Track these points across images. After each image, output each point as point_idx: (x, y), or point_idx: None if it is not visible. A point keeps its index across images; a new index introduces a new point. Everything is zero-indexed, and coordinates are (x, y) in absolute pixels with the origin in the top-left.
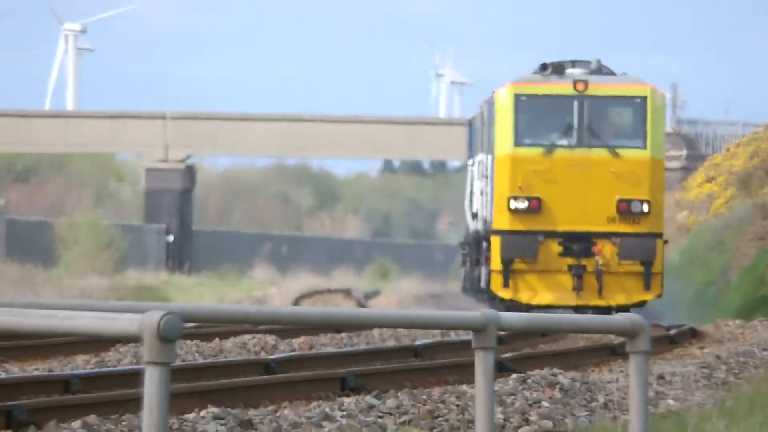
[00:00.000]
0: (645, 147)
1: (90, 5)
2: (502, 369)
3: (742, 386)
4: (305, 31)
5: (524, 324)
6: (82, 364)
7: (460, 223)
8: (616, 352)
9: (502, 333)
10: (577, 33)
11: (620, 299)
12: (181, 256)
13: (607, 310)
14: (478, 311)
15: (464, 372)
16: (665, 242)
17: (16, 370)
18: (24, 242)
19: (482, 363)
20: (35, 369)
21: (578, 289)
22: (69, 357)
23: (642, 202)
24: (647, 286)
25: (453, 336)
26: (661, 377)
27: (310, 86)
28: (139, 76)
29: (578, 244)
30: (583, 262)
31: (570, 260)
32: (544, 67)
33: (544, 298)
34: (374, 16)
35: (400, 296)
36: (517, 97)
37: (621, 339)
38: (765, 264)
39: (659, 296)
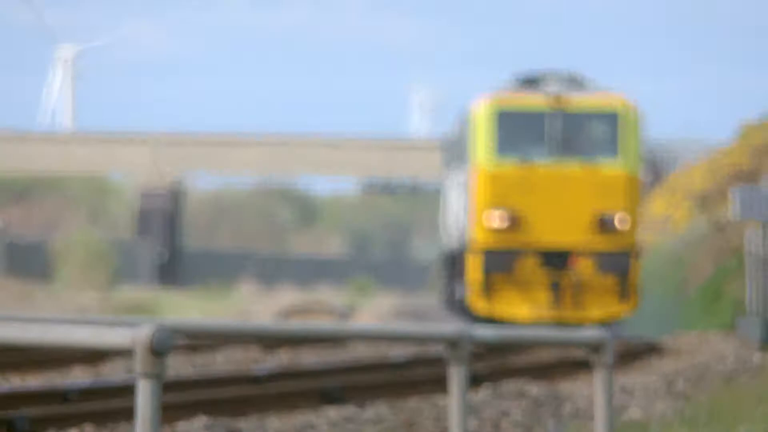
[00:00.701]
0: (620, 160)
1: (84, 30)
2: (475, 380)
3: (700, 396)
4: (288, 55)
5: (496, 338)
6: (79, 374)
7: (435, 239)
8: (582, 365)
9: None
10: (542, 55)
11: (597, 313)
12: (170, 272)
13: (583, 323)
14: (453, 326)
15: (440, 383)
16: (640, 256)
17: (17, 381)
18: (21, 259)
19: (456, 375)
20: (35, 381)
21: (556, 302)
22: (67, 368)
23: (618, 215)
24: (623, 299)
25: (430, 349)
26: (624, 388)
27: (293, 107)
28: (129, 98)
29: (555, 257)
30: (560, 276)
31: (547, 274)
32: (519, 80)
33: (521, 312)
34: (352, 42)
35: (380, 312)
36: (493, 111)
37: (587, 352)
38: (721, 279)
39: (635, 309)
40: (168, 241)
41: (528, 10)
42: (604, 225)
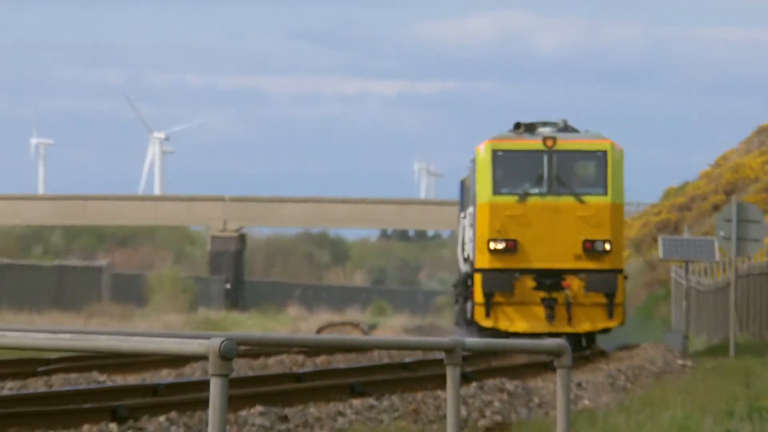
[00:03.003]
0: (606, 194)
1: (172, 118)
2: (466, 379)
3: (636, 390)
4: (324, 138)
5: (483, 346)
6: (166, 374)
7: (438, 274)
8: (547, 367)
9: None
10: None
11: (587, 327)
12: (236, 298)
13: (575, 336)
14: (450, 337)
15: (439, 380)
16: (625, 277)
17: (119, 379)
18: (124, 289)
19: (451, 375)
20: (133, 379)
21: (550, 318)
22: (157, 370)
23: (604, 242)
24: (611, 315)
25: (431, 355)
26: (579, 384)
27: (327, 176)
28: (207, 168)
29: (549, 279)
30: (554, 294)
31: (542, 293)
32: (517, 126)
33: (521, 326)
34: (373, 128)
35: (394, 327)
36: (494, 152)
37: (551, 357)
38: (652, 304)
39: (622, 324)
40: (233, 275)
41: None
42: (593, 250)
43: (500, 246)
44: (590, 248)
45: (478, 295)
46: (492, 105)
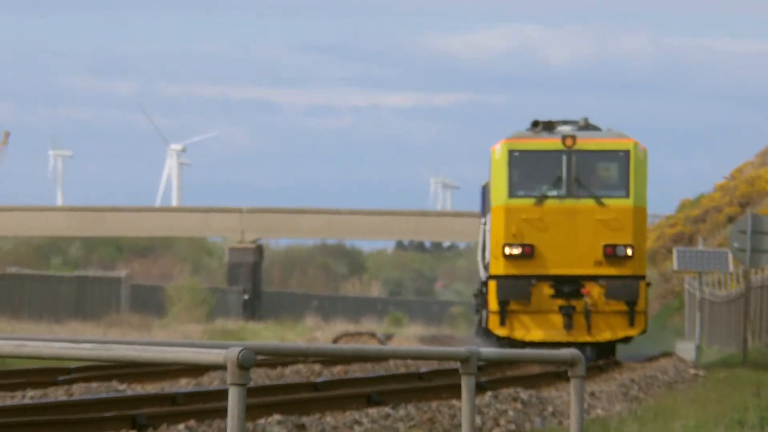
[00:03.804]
0: (628, 196)
1: (188, 131)
2: (480, 388)
3: (648, 400)
4: (337, 150)
5: (497, 356)
6: (185, 383)
7: (453, 285)
8: (561, 376)
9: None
10: None
11: (607, 336)
12: (253, 309)
13: (595, 345)
14: (464, 347)
15: (454, 390)
16: (648, 284)
17: (138, 388)
18: (143, 300)
19: (466, 384)
20: (152, 387)
21: (568, 327)
22: (175, 379)
23: (626, 246)
24: (631, 324)
25: (446, 365)
26: (592, 394)
27: (343, 187)
28: (224, 180)
29: (568, 286)
30: (573, 302)
31: (560, 301)
32: (535, 124)
33: (537, 335)
34: (385, 139)
35: (409, 338)
36: (511, 152)
37: (565, 367)
38: (666, 315)
39: (643, 332)
40: (251, 286)
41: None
42: (614, 255)
43: (516, 251)
44: (611, 253)
45: (493, 303)
46: (505, 116)
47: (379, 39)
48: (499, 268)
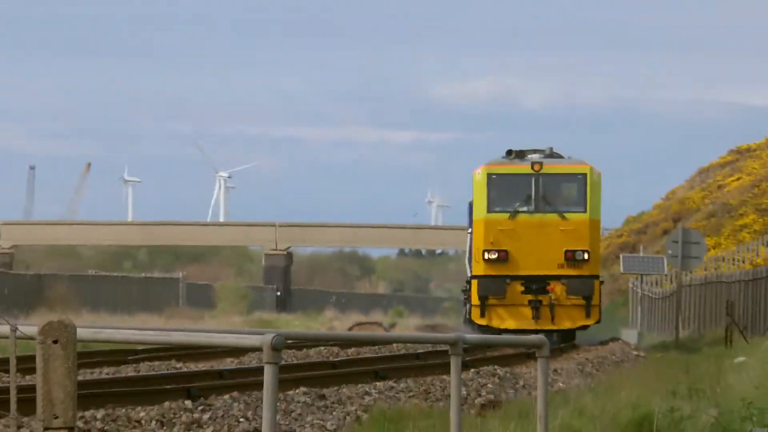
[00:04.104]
0: (585, 211)
1: (233, 160)
2: (465, 366)
3: (600, 375)
4: (353, 177)
5: (479, 341)
6: (229, 362)
7: (445, 284)
8: (530, 357)
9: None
10: None
11: (568, 324)
12: (284, 303)
13: (558, 332)
14: (453, 333)
15: (444, 367)
16: (601, 282)
17: (192, 366)
18: (196, 296)
19: (454, 363)
20: (203, 365)
21: (536, 317)
22: (221, 359)
23: (583, 252)
24: (588, 315)
25: (438, 348)
26: (555, 371)
27: (356, 206)
28: (261, 200)
29: (536, 284)
30: (540, 297)
31: (530, 296)
32: (509, 152)
33: (510, 324)
34: (394, 167)
35: (409, 326)
36: (489, 175)
37: (533, 349)
38: (614, 308)
39: (598, 322)
40: (283, 284)
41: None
42: (573, 259)
43: (494, 256)
44: (571, 258)
45: (475, 298)
46: (487, 149)
47: (387, 89)
48: (479, 269)
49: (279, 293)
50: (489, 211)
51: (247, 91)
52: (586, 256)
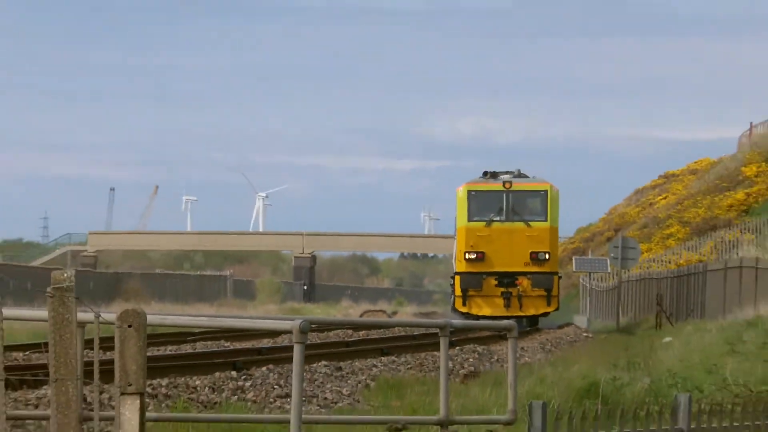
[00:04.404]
0: (546, 221)
1: (270, 184)
2: (452, 345)
3: (557, 352)
4: (367, 197)
5: (462, 325)
6: (266, 341)
7: (436, 281)
8: (502, 337)
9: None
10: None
11: (532, 312)
12: (309, 295)
13: (525, 318)
14: (442, 320)
15: (435, 346)
16: (560, 277)
17: (237, 345)
18: (241, 290)
19: (443, 342)
20: (246, 344)
21: (507, 306)
22: (259, 339)
23: (545, 253)
24: (549, 304)
25: (431, 331)
26: (522, 348)
27: (366, 220)
28: (291, 215)
29: (507, 279)
30: (510, 289)
31: (502, 289)
32: (485, 173)
33: (486, 311)
34: (394, 191)
35: (408, 314)
36: (469, 191)
37: (505, 332)
38: (568, 300)
39: (557, 309)
40: (308, 281)
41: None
42: (537, 259)
43: (473, 256)
44: (535, 258)
45: (458, 290)
46: (472, 174)
47: (393, 126)
48: (461, 267)
49: (305, 287)
50: (469, 220)
51: (280, 127)
52: (547, 256)
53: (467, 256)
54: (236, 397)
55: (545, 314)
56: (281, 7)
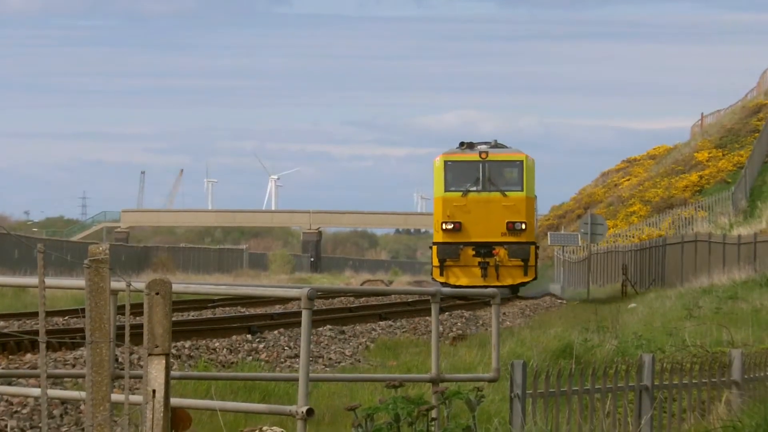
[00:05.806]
0: (523, 190)
1: (282, 167)
2: (442, 310)
3: (536, 317)
4: (367, 179)
5: (451, 293)
6: (277, 307)
7: (427, 253)
8: (486, 304)
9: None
10: None
11: (509, 281)
12: (316, 266)
13: (502, 287)
14: (433, 288)
15: (427, 311)
16: (537, 247)
17: (252, 310)
18: (256, 262)
19: (434, 308)
20: (259, 310)
21: (484, 276)
22: (272, 305)
23: (521, 223)
24: (526, 274)
25: (423, 298)
26: (504, 313)
27: (366, 199)
28: (300, 195)
29: (484, 249)
30: (487, 259)
31: (479, 259)
32: (462, 144)
33: (464, 281)
34: (391, 174)
35: (403, 282)
36: (446, 162)
37: (489, 299)
38: (544, 270)
39: (534, 279)
40: (315, 253)
41: None
42: (513, 229)
43: (450, 226)
44: (512, 228)
45: (435, 261)
46: None
47: (389, 118)
48: (438, 237)
49: (312, 259)
50: (446, 190)
51: (292, 120)
52: (523, 226)
53: (444, 226)
54: (251, 357)
55: (523, 284)
56: (292, 15)
